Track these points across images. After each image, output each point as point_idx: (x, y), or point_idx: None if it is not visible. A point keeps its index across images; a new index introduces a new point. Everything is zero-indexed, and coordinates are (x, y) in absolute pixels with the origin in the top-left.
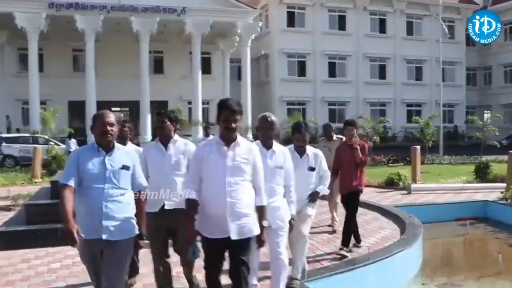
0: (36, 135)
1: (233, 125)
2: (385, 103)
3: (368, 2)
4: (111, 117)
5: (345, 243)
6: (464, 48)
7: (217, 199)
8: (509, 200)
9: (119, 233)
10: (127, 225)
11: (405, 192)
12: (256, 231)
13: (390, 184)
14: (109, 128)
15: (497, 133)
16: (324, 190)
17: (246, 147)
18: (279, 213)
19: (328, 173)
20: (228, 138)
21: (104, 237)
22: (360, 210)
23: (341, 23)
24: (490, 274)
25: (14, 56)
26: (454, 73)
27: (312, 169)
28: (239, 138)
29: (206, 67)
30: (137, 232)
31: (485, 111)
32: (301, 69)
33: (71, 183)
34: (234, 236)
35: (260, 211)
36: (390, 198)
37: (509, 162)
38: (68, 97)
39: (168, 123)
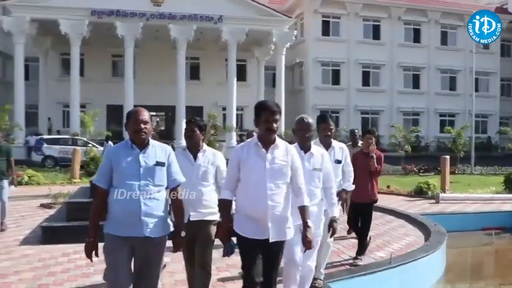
0: (75, 137)
1: (274, 125)
2: (419, 113)
3: (403, 12)
4: (145, 115)
5: (361, 251)
6: (499, 59)
7: (258, 202)
8: None
9: (159, 230)
10: (164, 222)
11: (434, 201)
12: (291, 234)
13: (419, 193)
14: (142, 126)
15: None
16: (350, 186)
17: (283, 148)
18: (313, 218)
19: (351, 168)
20: (267, 140)
21: (146, 233)
22: (387, 217)
23: (376, 32)
24: (510, 282)
25: (56, 61)
26: (488, 84)
27: (338, 161)
28: (277, 140)
29: (241, 74)
30: (171, 229)
31: None
32: (335, 78)
33: (102, 184)
34: (273, 238)
35: (303, 211)
36: (418, 207)
37: None
38: (107, 101)
39: (198, 132)
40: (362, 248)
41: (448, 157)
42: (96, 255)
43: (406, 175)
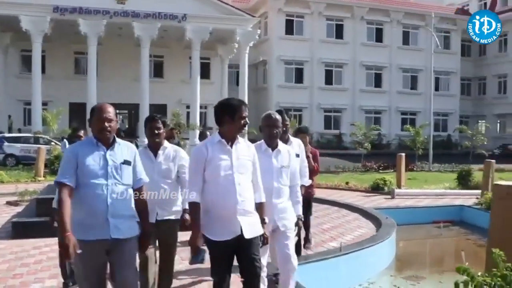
0: (37, 135)
1: (246, 121)
2: (380, 111)
3: (366, 12)
4: (110, 111)
5: (306, 241)
6: (459, 59)
7: (227, 199)
8: (483, 205)
9: (128, 231)
10: (133, 223)
11: (389, 196)
12: (261, 229)
13: (376, 189)
14: (107, 124)
15: (485, 143)
16: (307, 182)
17: (244, 144)
18: (286, 214)
19: (307, 163)
20: (234, 136)
21: (113, 235)
22: (343, 211)
23: (339, 31)
24: (452, 269)
25: (16, 57)
26: (448, 83)
27: (297, 155)
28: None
29: (205, 72)
30: (138, 231)
31: (479, 121)
32: (299, 76)
33: (69, 182)
34: (248, 235)
35: (261, 207)
36: (374, 202)
37: (484, 170)
38: (69, 99)
39: (163, 129)
40: (307, 239)
41: (403, 154)
42: (75, 248)
43: (366, 172)
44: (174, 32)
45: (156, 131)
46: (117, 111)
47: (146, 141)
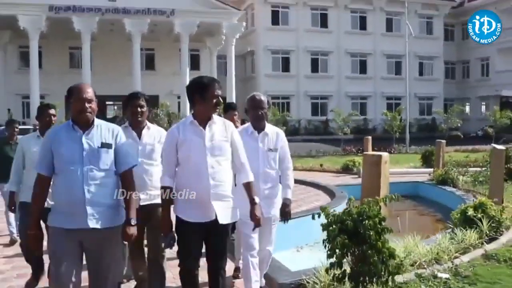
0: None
1: (219, 100)
2: (366, 97)
3: (349, 0)
4: (89, 92)
5: None
6: (442, 43)
7: (198, 182)
8: (434, 180)
9: (107, 220)
10: (113, 211)
11: (357, 176)
12: (238, 215)
13: (346, 169)
14: (87, 105)
15: (459, 125)
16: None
17: (221, 124)
18: (273, 201)
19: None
20: (207, 117)
21: (91, 225)
22: (309, 189)
23: (323, 21)
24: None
25: (15, 54)
26: (432, 67)
27: None
28: (214, 115)
29: (195, 63)
30: (124, 219)
31: (466, 104)
32: (285, 65)
33: (44, 171)
34: (223, 220)
35: (249, 187)
36: (340, 181)
37: (436, 150)
38: (65, 92)
39: (146, 107)
40: None
41: (370, 137)
42: (40, 251)
43: (346, 155)
44: (163, 27)
45: (140, 109)
46: (112, 102)
47: None
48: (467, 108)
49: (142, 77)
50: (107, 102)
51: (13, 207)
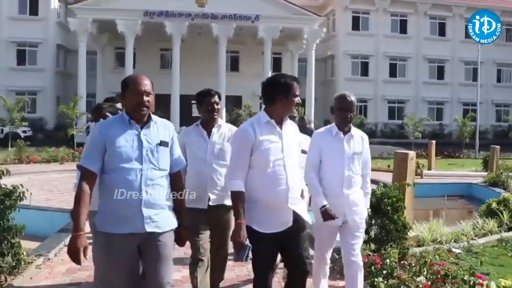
0: None
1: (299, 99)
2: (443, 102)
3: (429, 7)
4: (147, 84)
5: None
6: None
7: (278, 187)
8: (487, 183)
9: (164, 223)
10: (168, 213)
11: (419, 176)
12: (309, 216)
13: None
14: (145, 98)
15: None
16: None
17: (291, 125)
18: (358, 208)
19: None
20: (283, 117)
21: (147, 229)
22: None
23: (403, 27)
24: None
25: (111, 55)
26: (510, 74)
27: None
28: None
29: (277, 66)
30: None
31: None
32: (364, 69)
33: (93, 167)
34: (306, 218)
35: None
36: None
37: (491, 155)
38: (156, 91)
39: (220, 105)
40: None
41: (434, 142)
42: (85, 253)
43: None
44: (248, 31)
45: (215, 106)
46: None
47: None
48: None
49: (227, 78)
50: (193, 102)
51: None
